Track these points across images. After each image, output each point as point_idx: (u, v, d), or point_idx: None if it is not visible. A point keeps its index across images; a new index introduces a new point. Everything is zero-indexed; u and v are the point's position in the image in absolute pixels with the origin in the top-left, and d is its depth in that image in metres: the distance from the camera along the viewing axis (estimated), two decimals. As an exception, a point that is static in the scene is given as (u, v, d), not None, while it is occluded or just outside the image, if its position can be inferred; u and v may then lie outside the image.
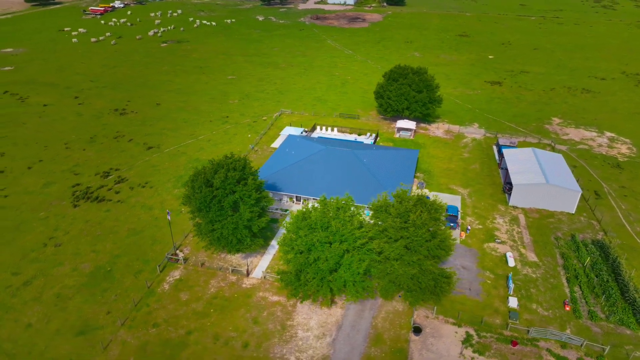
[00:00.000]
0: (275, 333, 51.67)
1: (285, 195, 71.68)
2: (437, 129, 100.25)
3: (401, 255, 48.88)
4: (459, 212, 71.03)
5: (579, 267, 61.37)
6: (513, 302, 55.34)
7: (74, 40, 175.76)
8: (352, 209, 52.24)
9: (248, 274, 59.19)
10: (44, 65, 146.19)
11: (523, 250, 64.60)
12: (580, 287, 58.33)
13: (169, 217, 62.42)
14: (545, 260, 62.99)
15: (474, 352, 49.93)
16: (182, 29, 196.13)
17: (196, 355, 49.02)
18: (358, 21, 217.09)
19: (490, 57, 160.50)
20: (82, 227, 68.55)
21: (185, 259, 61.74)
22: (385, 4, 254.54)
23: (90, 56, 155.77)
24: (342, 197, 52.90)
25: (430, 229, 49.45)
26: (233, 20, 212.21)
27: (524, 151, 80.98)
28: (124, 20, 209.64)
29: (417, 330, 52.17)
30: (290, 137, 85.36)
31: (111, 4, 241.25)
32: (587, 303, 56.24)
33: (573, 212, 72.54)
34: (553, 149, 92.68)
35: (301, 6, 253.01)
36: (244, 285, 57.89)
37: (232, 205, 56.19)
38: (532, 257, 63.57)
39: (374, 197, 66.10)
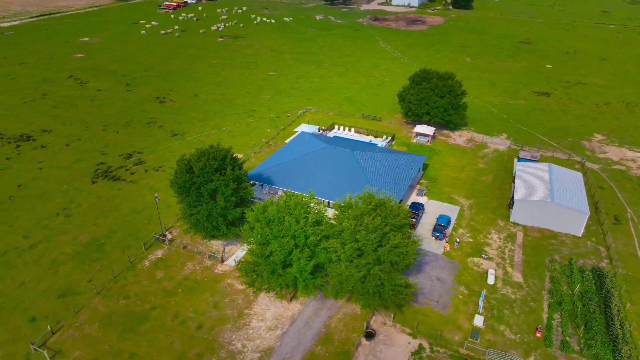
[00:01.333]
0: (231, 319, 53.55)
1: (280, 189, 73.24)
2: (460, 137, 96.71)
3: (352, 258, 48.61)
4: (450, 223, 68.56)
5: (566, 294, 57.10)
6: (478, 321, 52.87)
7: (143, 32, 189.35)
8: (313, 205, 52.64)
9: (222, 260, 61.60)
10: (110, 54, 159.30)
11: (509, 269, 61.18)
12: (561, 315, 54.32)
13: (156, 200, 66.36)
14: (531, 282, 59.23)
15: (421, 364, 48.61)
16: (242, 25, 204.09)
17: (153, 329, 52.20)
18: (417, 24, 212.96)
19: (548, 66, 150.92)
20: (93, 202, 74.84)
21: (171, 241, 65.47)
22: (450, 7, 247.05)
23: (153, 48, 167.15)
24: (335, 195, 53.27)
25: (388, 233, 48.60)
26: (291, 18, 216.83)
27: (539, 166, 76.14)
28: (192, 15, 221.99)
29: (370, 335, 51.62)
30: (301, 134, 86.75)
31: (184, 0, 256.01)
32: (562, 332, 52.33)
33: (579, 235, 67.25)
34: (582, 167, 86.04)
35: (364, 7, 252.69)
36: (215, 271, 60.38)
37: (211, 193, 58.80)
38: (517, 277, 60.05)
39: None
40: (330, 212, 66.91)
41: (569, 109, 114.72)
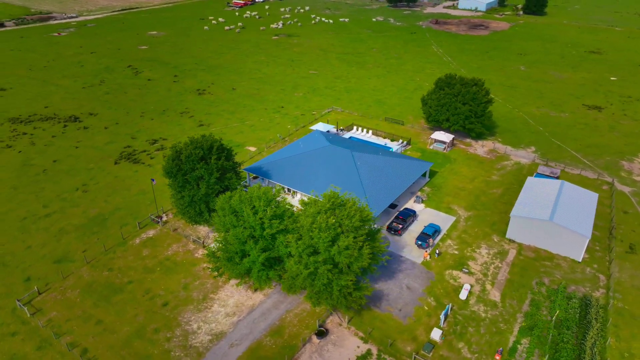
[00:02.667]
0: (195, 301, 56.12)
1: (277, 184, 74.86)
2: (482, 147, 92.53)
3: (305, 255, 48.97)
4: (439, 233, 66.31)
5: (543, 319, 53.37)
6: (436, 334, 51.05)
7: (205, 28, 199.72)
8: (279, 199, 53.56)
9: (204, 245, 64.45)
10: (170, 47, 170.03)
11: (488, 287, 58.18)
12: (530, 341, 50.94)
13: (153, 183, 70.59)
14: (508, 303, 55.96)
15: (364, 370, 48.04)
16: (299, 24, 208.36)
17: (123, 301, 56.10)
18: (479, 28, 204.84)
19: (612, 78, 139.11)
20: (109, 181, 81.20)
21: (165, 222, 69.56)
22: (521, 13, 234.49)
23: (210, 42, 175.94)
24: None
25: (341, 234, 48.41)
26: (348, 19, 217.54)
27: (551, 182, 71.18)
28: (255, 13, 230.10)
29: (321, 333, 51.78)
30: (314, 132, 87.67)
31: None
32: (526, 358, 49.10)
33: (579, 260, 62.19)
34: (610, 189, 79.07)
35: (428, 10, 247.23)
36: (195, 255, 63.36)
37: (196, 180, 61.84)
38: (494, 295, 56.99)
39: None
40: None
41: (620, 125, 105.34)
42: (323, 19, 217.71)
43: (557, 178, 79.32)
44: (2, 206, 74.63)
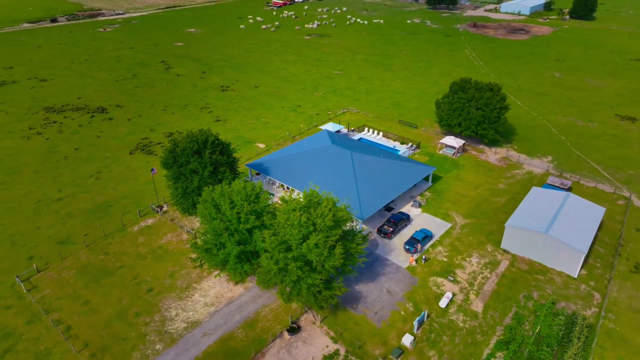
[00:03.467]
0: (178, 289, 57.94)
1: (276, 181, 75.87)
2: (494, 154, 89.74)
3: (277, 251, 49.54)
4: (430, 239, 65.07)
5: (525, 334, 51.42)
6: (407, 340, 50.32)
7: (242, 26, 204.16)
8: (259, 195, 54.36)
9: (196, 236, 66.31)
10: (205, 44, 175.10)
11: (472, 297, 56.62)
12: (505, 355, 49.24)
13: (153, 173, 73.15)
14: (490, 315, 54.28)
15: (328, 369, 48.11)
16: (334, 24, 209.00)
17: (112, 284, 58.75)
18: (519, 33, 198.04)
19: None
20: (121, 170, 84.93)
21: (165, 212, 72.10)
22: (567, 17, 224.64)
23: (243, 41, 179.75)
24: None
25: (313, 232, 48.61)
26: (382, 21, 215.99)
27: (556, 193, 68.20)
28: (292, 12, 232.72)
29: (292, 330, 52.22)
30: (323, 132, 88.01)
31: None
32: (497, 372, 47.59)
33: (575, 276, 59.31)
34: (626, 203, 74.80)
35: (468, 12, 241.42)
36: (187, 245, 65.26)
37: (190, 172, 63.80)
38: (477, 306, 55.41)
39: (341, 200, 66.13)
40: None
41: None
42: (358, 20, 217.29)
43: (569, 189, 75.85)
44: (23, 188, 79.69)
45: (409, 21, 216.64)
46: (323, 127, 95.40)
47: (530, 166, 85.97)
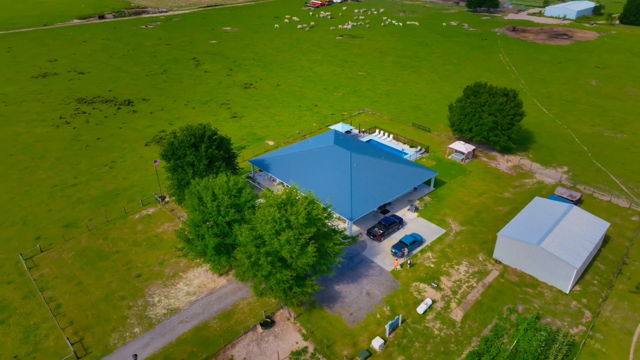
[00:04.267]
0: (164, 277, 60.01)
1: (275, 178, 76.88)
2: (506, 162, 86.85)
3: (253, 245, 50.41)
4: (420, 244, 63.98)
5: (501, 348, 49.82)
6: (376, 343, 49.91)
7: (276, 26, 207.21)
8: (241, 189, 55.34)
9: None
10: (237, 42, 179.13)
11: (453, 305, 55.32)
12: (477, 367, 47.95)
13: (156, 165, 75.69)
14: (468, 325, 52.87)
15: (293, 365, 48.51)
16: (368, 25, 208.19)
17: (105, 267, 61.58)
18: (561, 38, 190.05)
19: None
20: (135, 160, 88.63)
21: (166, 202, 74.69)
22: (616, 22, 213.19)
23: (275, 40, 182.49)
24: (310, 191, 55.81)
25: (285, 229, 49.08)
26: (417, 23, 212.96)
27: (557, 205, 65.34)
28: (328, 13, 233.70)
29: (266, 324, 52.96)
30: (331, 131, 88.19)
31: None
32: (464, 384, 46.40)
33: (566, 292, 56.70)
34: (640, 221, 70.70)
35: (510, 16, 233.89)
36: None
37: (187, 165, 65.88)
38: (456, 315, 54.13)
39: (335, 200, 66.50)
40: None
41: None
42: (393, 21, 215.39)
43: (578, 201, 72.47)
44: (43, 173, 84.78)
45: (444, 24, 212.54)
46: (332, 127, 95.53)
47: (542, 176, 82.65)
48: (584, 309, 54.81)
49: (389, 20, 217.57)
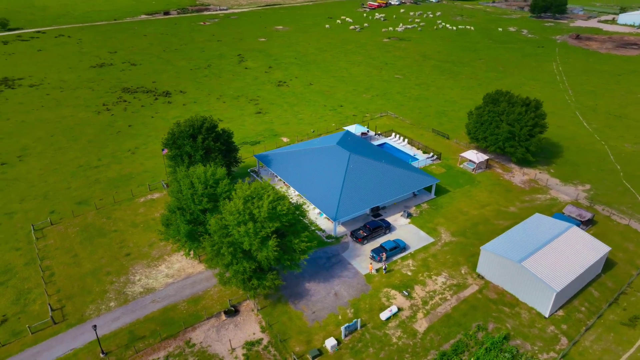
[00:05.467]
0: (150, 258, 63.30)
1: (274, 173, 78.29)
2: (522, 175, 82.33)
3: (215, 235, 52.07)
4: (401, 250, 62.55)
5: (457, 364, 47.94)
6: (329, 343, 49.76)
7: (327, 26, 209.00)
8: (218, 180, 57.05)
9: (181, 213, 71.34)
10: (284, 41, 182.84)
11: (420, 316, 53.79)
12: (426, 380, 46.49)
13: (163, 153, 79.46)
14: (430, 337, 51.23)
15: (244, 355, 49.54)
16: (419, 29, 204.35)
17: (101, 244, 65.96)
18: (630, 48, 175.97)
19: None
20: (155, 148, 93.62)
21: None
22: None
23: (321, 40, 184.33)
24: (304, 189, 56.80)
25: (248, 222, 50.22)
26: (472, 27, 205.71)
27: (556, 224, 61.21)
28: (383, 15, 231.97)
29: (230, 312, 54.48)
30: (344, 132, 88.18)
31: (388, 1, 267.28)
32: (407, 395, 45.18)
33: (546, 316, 53.18)
34: (657, 249, 64.56)
35: (577, 23, 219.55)
36: (175, 220, 70.58)
37: (186, 154, 69.04)
38: (421, 326, 52.60)
39: (324, 199, 67.09)
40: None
41: None
42: (448, 25, 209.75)
43: (588, 222, 67.46)
44: (73, 154, 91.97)
45: (500, 29, 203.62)
46: (347, 127, 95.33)
47: (558, 192, 77.59)
48: (561, 336, 51.20)
49: (443, 24, 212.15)
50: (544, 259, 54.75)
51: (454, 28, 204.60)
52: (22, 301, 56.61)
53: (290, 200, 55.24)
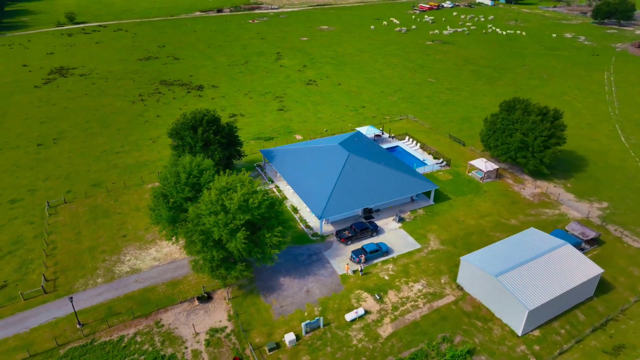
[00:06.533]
0: (143, 241, 66.62)
1: (275, 169, 79.51)
2: (534, 187, 78.26)
3: (189, 223, 54.04)
4: (383, 253, 61.65)
5: (412, 373, 46.90)
6: (288, 338, 50.28)
7: (372, 27, 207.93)
8: (203, 171, 58.97)
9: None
10: (324, 40, 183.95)
11: (386, 321, 52.90)
12: (376, 385, 45.85)
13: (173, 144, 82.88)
14: (391, 343, 50.29)
15: (205, 341, 51.16)
16: (467, 32, 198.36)
17: (103, 224, 70.15)
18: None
19: None
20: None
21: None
22: None
23: (363, 40, 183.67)
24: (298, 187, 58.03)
25: (226, 212, 51.73)
26: (524, 32, 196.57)
27: (548, 240, 57.88)
28: (432, 17, 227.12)
29: (202, 298, 56.38)
30: (354, 133, 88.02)
31: (440, 3, 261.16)
32: (353, 398, 44.82)
33: (519, 335, 50.60)
34: (666, 277, 59.35)
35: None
36: (175, 208, 73.67)
37: (187, 145, 71.99)
38: (384, 331, 51.79)
39: (314, 196, 67.82)
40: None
41: None
42: (498, 29, 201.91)
43: (594, 241, 63.26)
44: (101, 140, 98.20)
45: (554, 35, 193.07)
46: (358, 129, 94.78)
47: (569, 208, 73.12)
48: (531, 357, 48.57)
49: (493, 28, 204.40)
50: (524, 275, 52.07)
51: (504, 33, 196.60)
52: (23, 270, 61.61)
53: (272, 195, 56.13)
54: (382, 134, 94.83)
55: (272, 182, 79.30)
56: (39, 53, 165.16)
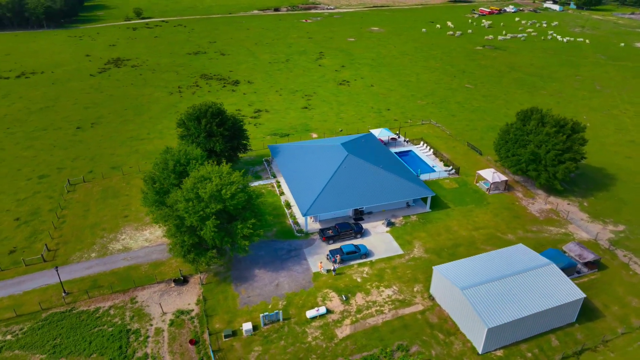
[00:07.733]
0: (141, 223, 70.44)
1: (276, 164, 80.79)
2: (545, 203, 73.70)
3: (169, 208, 56.62)
4: (361, 256, 60.96)
5: (356, 377, 46.42)
6: (246, 327, 51.42)
7: (423, 30, 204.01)
8: (189, 160, 61.39)
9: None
10: (370, 42, 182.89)
11: (346, 322, 52.48)
12: (318, 384, 45.92)
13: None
14: (344, 344, 49.88)
15: (170, 321, 53.54)
16: (523, 38, 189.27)
17: (110, 204, 74.92)
18: None
19: None
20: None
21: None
22: None
23: (410, 43, 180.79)
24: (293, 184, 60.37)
25: (200, 201, 53.85)
26: (588, 40, 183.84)
27: (534, 259, 54.54)
28: (489, 22, 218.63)
29: (179, 281, 58.96)
30: (363, 135, 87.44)
31: (502, 8, 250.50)
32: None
33: (479, 352, 48.31)
34: (668, 311, 53.98)
35: None
36: (178, 194, 77.18)
37: (193, 135, 75.27)
38: (341, 332, 51.45)
39: (305, 193, 68.76)
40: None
41: None
42: (558, 36, 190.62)
43: (593, 264, 58.85)
44: (132, 127, 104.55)
45: (622, 44, 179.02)
46: (372, 130, 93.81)
47: (577, 228, 68.20)
48: (487, 377, 46.29)
49: (554, 34, 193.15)
50: (492, 292, 49.60)
51: (565, 40, 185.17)
52: (32, 239, 67.48)
53: (246, 187, 57.55)
54: (398, 137, 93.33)
55: (274, 177, 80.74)
56: (103, 45, 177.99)
